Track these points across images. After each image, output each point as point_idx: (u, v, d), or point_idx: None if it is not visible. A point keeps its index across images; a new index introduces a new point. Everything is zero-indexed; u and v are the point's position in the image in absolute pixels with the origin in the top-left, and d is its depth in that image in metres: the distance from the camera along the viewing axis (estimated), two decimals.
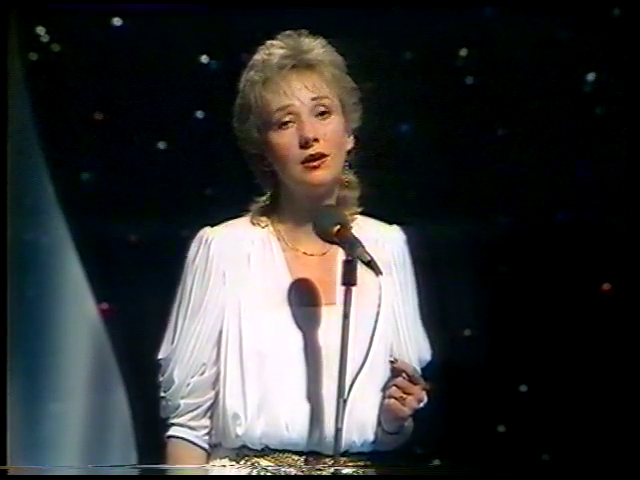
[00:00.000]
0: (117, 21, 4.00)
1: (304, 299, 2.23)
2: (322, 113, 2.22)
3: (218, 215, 2.36)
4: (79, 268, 4.01)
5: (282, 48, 2.23)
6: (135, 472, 2.67)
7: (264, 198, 2.31)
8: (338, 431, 2.04)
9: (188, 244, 2.32)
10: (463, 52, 4.03)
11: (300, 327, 2.21)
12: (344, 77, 2.27)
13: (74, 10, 3.92)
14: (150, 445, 3.91)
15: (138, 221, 4.02)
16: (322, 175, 2.20)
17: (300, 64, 2.22)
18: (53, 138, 4.03)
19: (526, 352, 3.98)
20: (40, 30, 4.00)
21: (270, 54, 2.23)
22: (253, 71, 2.24)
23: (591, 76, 4.02)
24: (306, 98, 2.21)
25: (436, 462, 3.72)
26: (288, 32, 2.27)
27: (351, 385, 2.08)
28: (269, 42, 2.26)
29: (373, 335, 2.14)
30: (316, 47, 2.24)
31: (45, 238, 4.01)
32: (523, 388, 4.02)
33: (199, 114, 4.03)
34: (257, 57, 2.26)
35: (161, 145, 4.04)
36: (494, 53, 4.01)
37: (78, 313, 4.03)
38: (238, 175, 2.39)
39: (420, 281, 2.40)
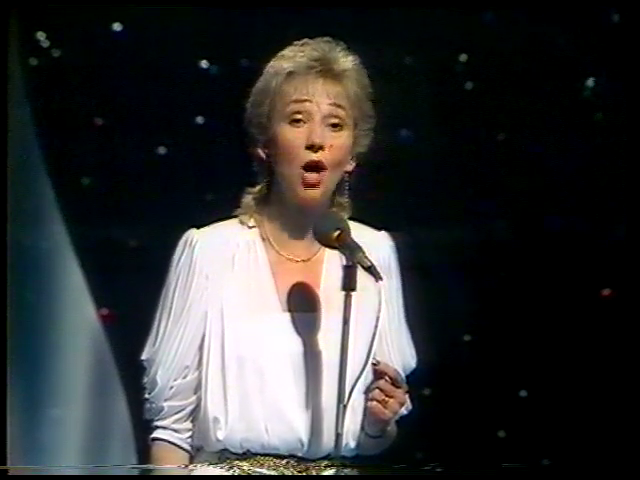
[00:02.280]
0: (117, 26, 4.00)
1: (286, 305, 2.23)
2: (334, 125, 2.21)
3: (218, 221, 2.35)
4: (79, 273, 4.01)
5: (316, 51, 2.22)
6: (135, 472, 2.67)
7: (256, 190, 2.30)
8: (338, 436, 2.05)
9: None
10: (463, 57, 4.04)
11: (281, 333, 2.21)
12: (365, 102, 2.26)
13: (74, 15, 3.93)
14: (149, 450, 3.90)
15: (138, 226, 4.02)
16: (313, 195, 2.20)
17: (328, 72, 2.22)
18: (53, 143, 4.04)
19: (526, 357, 3.98)
20: (40, 35, 4.00)
21: (302, 52, 2.22)
22: (282, 61, 2.23)
23: (590, 82, 4.03)
24: (324, 104, 2.21)
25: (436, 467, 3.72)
26: (327, 38, 2.26)
27: (351, 391, 2.08)
28: (305, 40, 2.26)
29: (372, 341, 2.14)
30: (348, 62, 2.24)
31: (45, 243, 4.01)
32: (523, 393, 4.02)
33: (199, 119, 4.03)
34: (289, 51, 2.25)
35: (161, 150, 4.04)
36: (494, 59, 4.01)
37: (78, 318, 4.03)
38: (238, 181, 2.38)
39: (419, 287, 2.40)
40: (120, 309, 4.04)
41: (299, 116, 2.20)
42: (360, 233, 2.28)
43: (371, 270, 2.10)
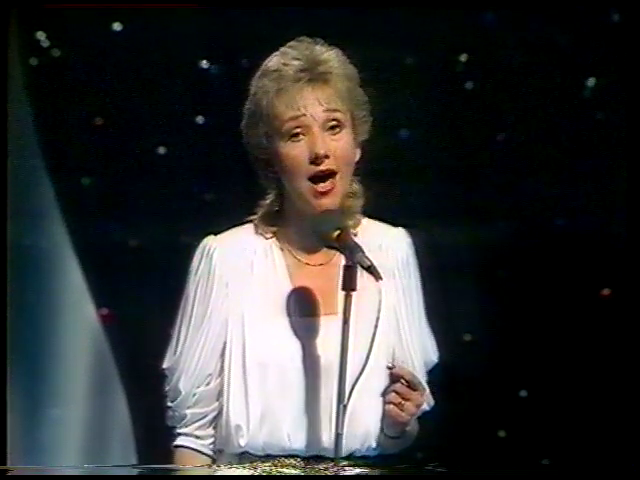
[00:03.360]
0: (117, 26, 4.00)
1: (306, 309, 2.22)
2: (333, 127, 2.20)
3: (218, 220, 2.35)
4: (79, 273, 4.01)
5: (298, 59, 2.19)
6: (135, 472, 2.67)
7: (268, 202, 2.29)
8: (338, 436, 2.04)
9: (188, 249, 2.32)
10: (463, 57, 4.03)
11: (302, 337, 2.20)
12: (357, 90, 2.25)
13: (74, 15, 3.92)
14: (150, 450, 3.90)
15: (138, 226, 4.02)
16: (329, 203, 2.18)
17: (315, 77, 2.19)
18: (53, 143, 4.04)
19: (526, 357, 3.98)
20: (40, 35, 4.00)
21: (285, 64, 2.19)
22: (267, 79, 2.21)
23: (591, 81, 4.03)
24: (318, 112, 2.19)
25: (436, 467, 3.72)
26: (303, 38, 2.24)
27: (351, 390, 2.07)
28: (283, 49, 2.23)
29: (373, 340, 2.13)
30: (331, 59, 2.22)
31: (45, 243, 4.01)
32: (523, 393, 4.01)
33: (199, 119, 4.03)
34: (271, 64, 2.22)
35: (161, 150, 4.04)
36: (494, 59, 4.01)
37: (78, 318, 4.03)
38: (238, 180, 2.39)
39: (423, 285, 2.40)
40: (120, 309, 4.03)
41: (297, 130, 2.19)
42: (378, 231, 2.29)
43: (371, 270, 2.10)
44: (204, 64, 4.03)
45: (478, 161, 4.06)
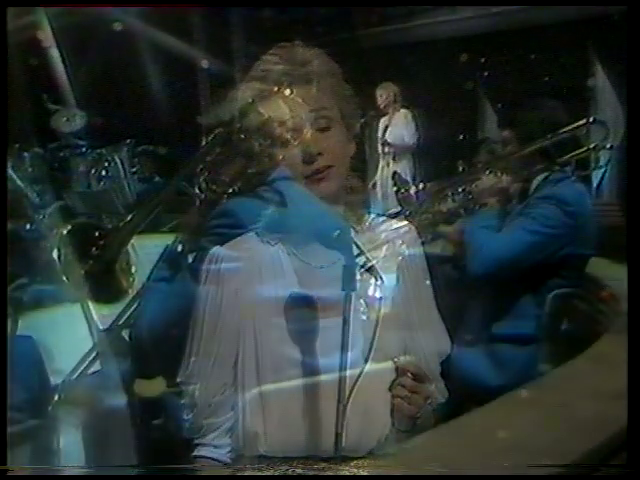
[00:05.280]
0: (117, 26, 4.01)
1: (317, 312, 2.21)
2: (323, 126, 2.20)
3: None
4: (80, 273, 4.00)
5: (278, 64, 2.19)
6: (135, 472, 2.67)
7: (269, 212, 2.29)
8: (338, 436, 2.04)
9: (190, 249, 2.32)
10: (463, 57, 4.04)
11: (314, 340, 2.20)
12: (342, 85, 2.25)
13: (74, 15, 3.94)
14: (150, 451, 3.91)
15: (139, 226, 4.02)
16: (327, 187, 2.18)
17: (298, 79, 2.19)
18: (53, 143, 4.05)
19: (526, 357, 3.98)
20: (40, 35, 4.01)
21: (266, 70, 2.19)
22: (251, 90, 2.20)
23: (591, 81, 4.03)
24: (306, 113, 2.18)
25: (435, 466, 3.71)
26: (282, 44, 2.23)
27: (351, 390, 2.07)
28: (264, 57, 2.23)
29: (373, 339, 2.13)
30: (312, 59, 2.21)
31: (45, 242, 4.01)
32: (523, 393, 4.01)
33: (199, 119, 4.04)
34: (254, 74, 2.22)
35: (161, 150, 4.05)
36: (494, 59, 4.02)
37: (78, 318, 4.03)
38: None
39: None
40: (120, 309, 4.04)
41: (288, 135, 2.18)
42: (383, 226, 2.29)
43: (371, 270, 2.10)
44: (204, 64, 4.04)
45: (477, 161, 4.07)
